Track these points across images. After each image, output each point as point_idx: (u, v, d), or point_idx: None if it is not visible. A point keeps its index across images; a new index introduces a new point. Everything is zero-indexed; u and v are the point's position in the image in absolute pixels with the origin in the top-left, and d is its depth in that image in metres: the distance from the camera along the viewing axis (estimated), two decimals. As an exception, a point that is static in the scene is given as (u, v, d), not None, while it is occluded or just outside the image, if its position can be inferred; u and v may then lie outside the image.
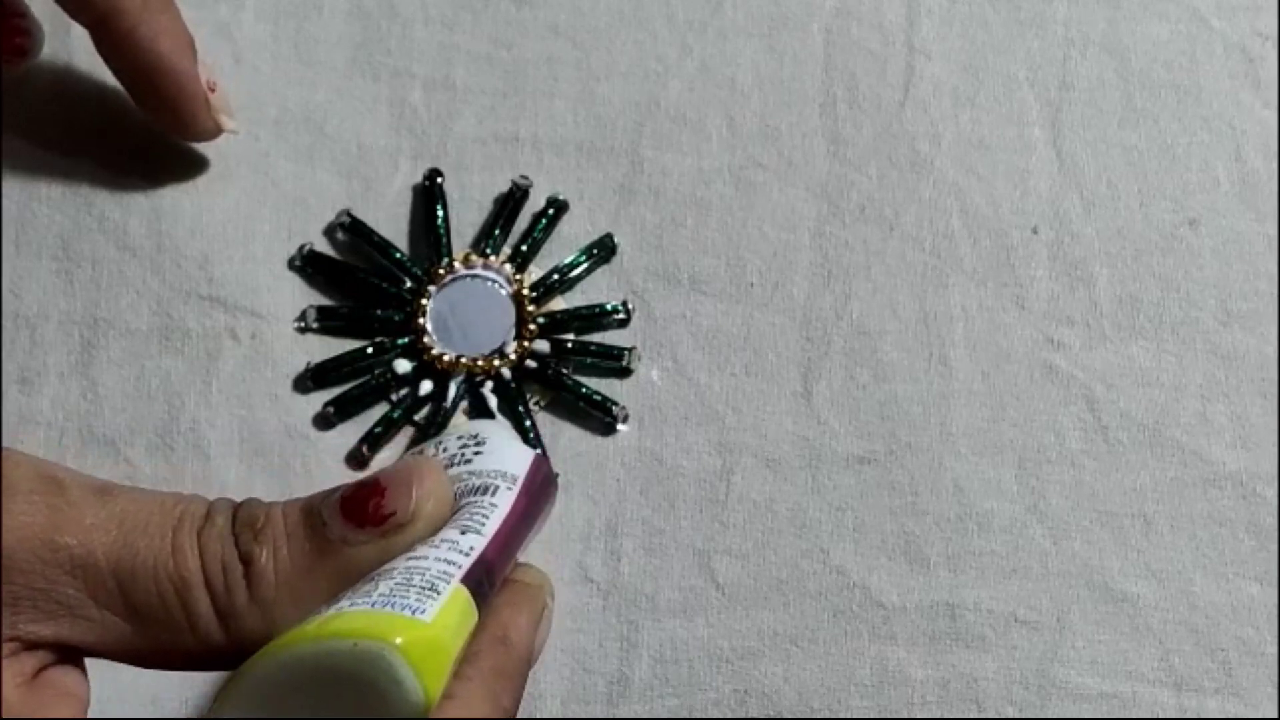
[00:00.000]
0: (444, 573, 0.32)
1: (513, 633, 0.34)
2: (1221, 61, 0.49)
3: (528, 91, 0.48)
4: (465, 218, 0.46)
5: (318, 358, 0.44)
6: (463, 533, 0.33)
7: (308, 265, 0.45)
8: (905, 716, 0.41)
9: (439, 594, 0.31)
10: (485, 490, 0.35)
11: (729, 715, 0.41)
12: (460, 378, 0.44)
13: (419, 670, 0.30)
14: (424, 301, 0.44)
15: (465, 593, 0.32)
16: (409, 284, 0.45)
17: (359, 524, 0.32)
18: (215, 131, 0.45)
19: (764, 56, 0.48)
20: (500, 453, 0.36)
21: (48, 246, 0.45)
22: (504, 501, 0.35)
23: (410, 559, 0.32)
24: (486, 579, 0.33)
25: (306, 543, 0.32)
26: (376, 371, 0.44)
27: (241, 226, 0.45)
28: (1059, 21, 0.49)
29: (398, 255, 0.45)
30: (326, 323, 0.44)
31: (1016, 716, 0.41)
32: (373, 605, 0.31)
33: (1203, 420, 0.44)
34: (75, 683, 0.32)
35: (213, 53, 0.47)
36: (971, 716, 0.41)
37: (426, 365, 0.44)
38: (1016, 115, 0.48)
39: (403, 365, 0.44)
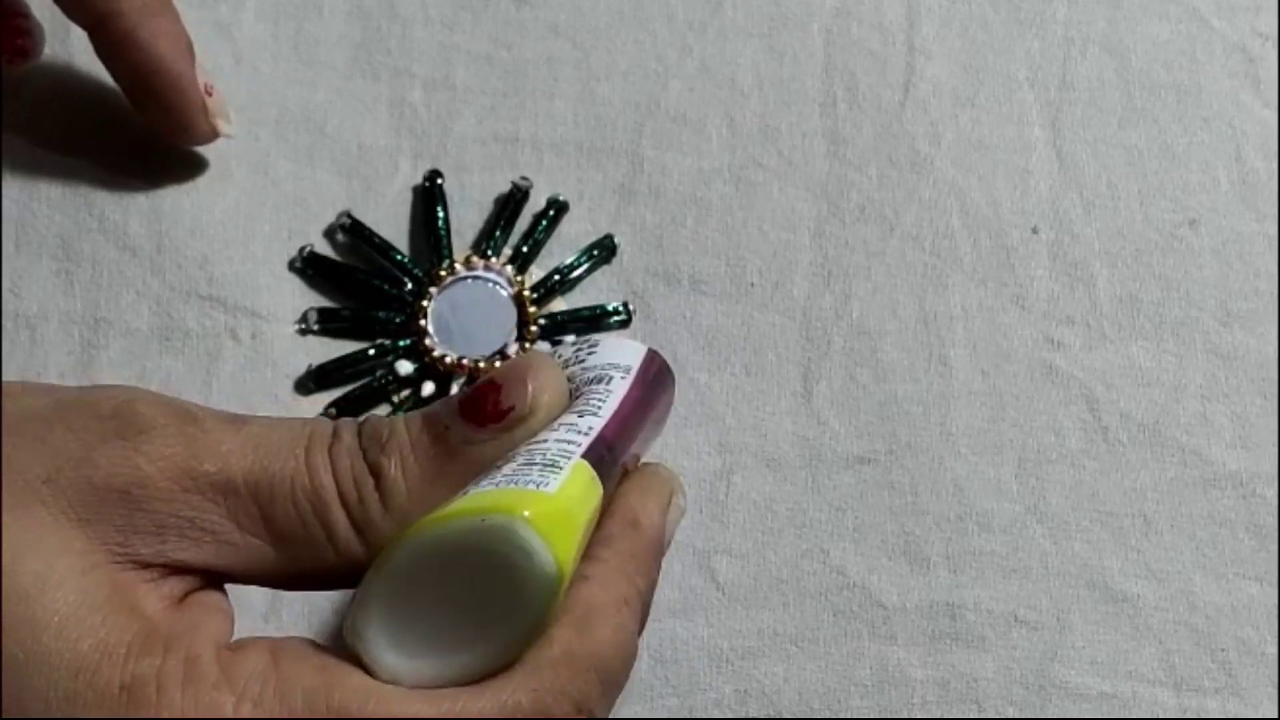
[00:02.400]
0: (564, 451, 0.32)
1: (643, 517, 0.35)
2: (1221, 61, 0.49)
3: (528, 91, 0.48)
4: (465, 218, 0.46)
5: (318, 359, 0.44)
6: (580, 415, 0.34)
7: (308, 267, 0.45)
8: (905, 716, 0.41)
9: (560, 469, 0.32)
10: (600, 380, 0.35)
11: (729, 715, 0.41)
12: (463, 379, 0.44)
13: (548, 540, 0.30)
14: (425, 303, 0.44)
15: (587, 467, 0.33)
16: (410, 285, 0.45)
17: (480, 423, 0.33)
18: (212, 135, 0.45)
19: (764, 56, 0.48)
20: (612, 350, 0.37)
21: (48, 246, 0.45)
22: (618, 388, 0.35)
23: (530, 443, 0.33)
24: (608, 455, 0.34)
25: (431, 449, 0.33)
26: (378, 373, 0.44)
27: (241, 226, 0.45)
28: (1059, 21, 0.49)
29: (398, 257, 0.45)
30: (328, 325, 0.44)
31: (1016, 716, 0.41)
32: (496, 485, 0.31)
33: (1203, 420, 0.44)
34: (220, 602, 0.33)
35: (213, 53, 0.47)
36: (971, 716, 0.41)
37: (428, 367, 0.44)
38: (1016, 115, 0.48)
39: (405, 367, 0.44)
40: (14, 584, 0.29)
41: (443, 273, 0.45)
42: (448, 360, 0.44)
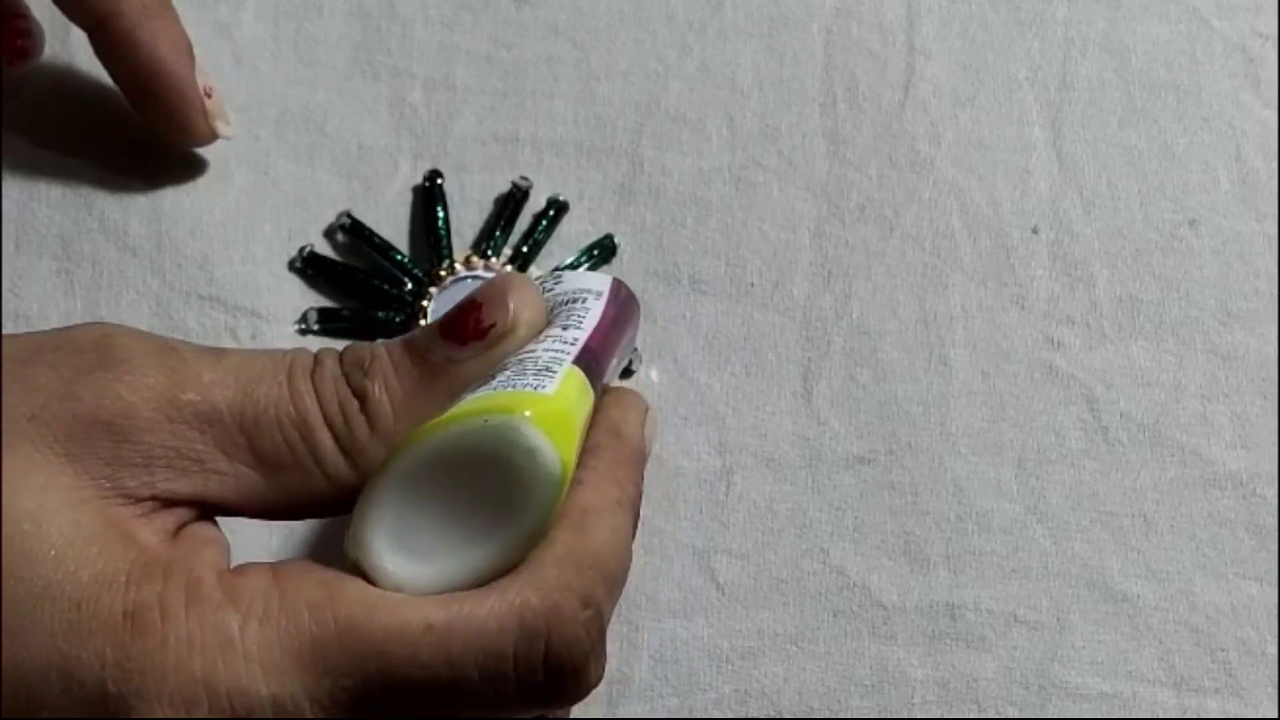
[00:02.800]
0: (555, 358, 0.33)
1: (624, 427, 0.36)
2: (1221, 61, 0.49)
3: (528, 91, 0.48)
4: (465, 218, 0.46)
5: (318, 358, 0.44)
6: (564, 329, 0.35)
7: (308, 267, 0.45)
8: (905, 716, 0.41)
9: (554, 373, 0.32)
10: (575, 300, 0.36)
11: (729, 715, 0.41)
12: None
13: (551, 438, 0.31)
14: (425, 303, 0.44)
15: (579, 373, 0.33)
16: (410, 286, 0.45)
17: (461, 341, 0.34)
18: (210, 137, 0.45)
19: (764, 56, 0.48)
20: (579, 278, 0.38)
21: (48, 246, 0.45)
22: (594, 306, 0.36)
23: (519, 354, 0.33)
24: (594, 365, 0.34)
25: (414, 370, 0.33)
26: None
27: (241, 227, 0.45)
28: (1059, 21, 0.49)
29: (398, 257, 0.45)
30: (328, 325, 0.44)
31: (1016, 716, 0.41)
32: (493, 389, 0.32)
33: (1203, 420, 0.44)
34: (214, 533, 0.33)
35: (213, 53, 0.47)
36: (971, 716, 0.41)
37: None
38: (1016, 115, 0.48)
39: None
40: (7, 521, 0.29)
41: (442, 273, 0.45)
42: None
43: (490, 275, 0.45)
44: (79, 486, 0.30)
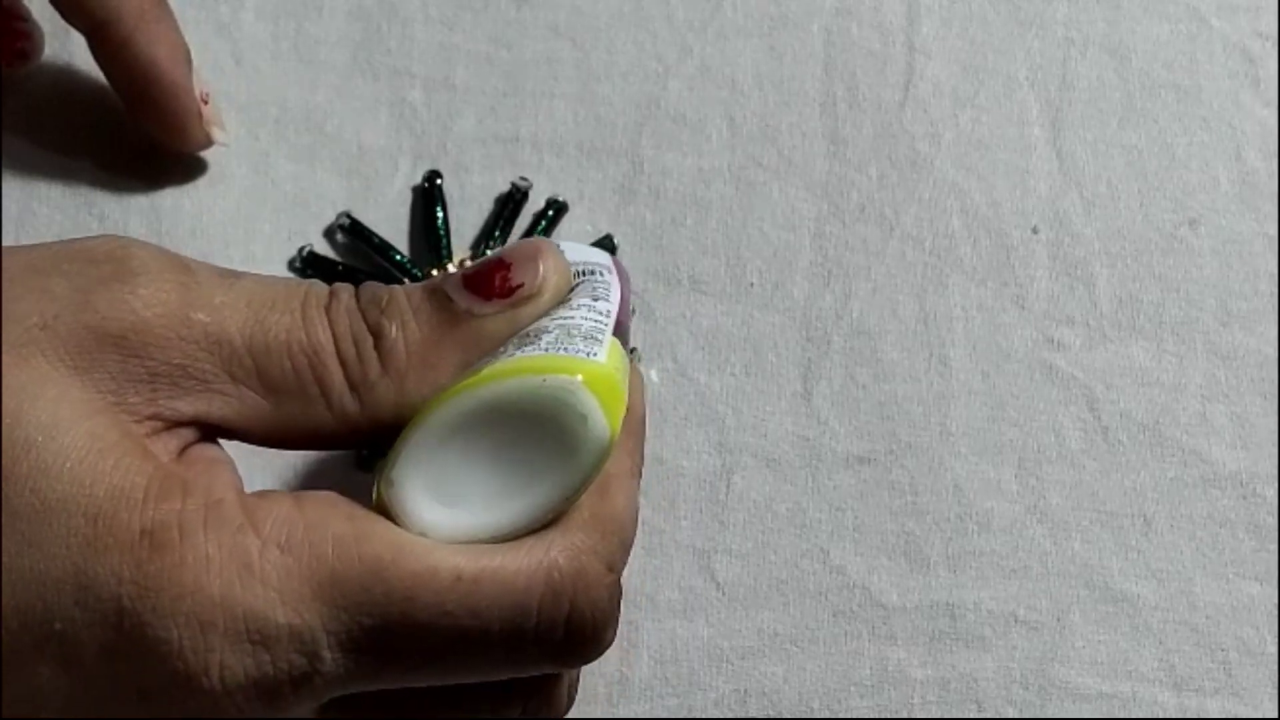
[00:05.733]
0: (596, 327, 0.33)
1: (631, 397, 0.35)
2: (1221, 61, 0.49)
3: (528, 91, 0.48)
4: (465, 218, 0.46)
5: (318, 358, 0.44)
6: (594, 299, 0.35)
7: (308, 267, 0.45)
8: (905, 716, 0.41)
9: (601, 342, 0.33)
10: (592, 272, 0.36)
11: (729, 715, 0.41)
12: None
13: (605, 406, 0.31)
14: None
15: (619, 345, 0.34)
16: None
17: (486, 296, 0.33)
18: (206, 143, 0.45)
19: (764, 56, 0.48)
20: (583, 251, 0.38)
21: (48, 247, 0.45)
22: (611, 281, 0.36)
23: (557, 319, 0.33)
24: (624, 337, 0.35)
25: (434, 316, 0.33)
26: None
27: (241, 227, 0.45)
28: (1059, 21, 0.49)
29: (398, 257, 0.45)
30: (327, 323, 0.44)
31: (1016, 716, 0.41)
32: (545, 350, 0.32)
33: (1203, 420, 0.44)
34: (220, 454, 0.32)
35: (213, 52, 0.47)
36: (971, 716, 0.41)
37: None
38: (1016, 115, 0.48)
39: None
40: (20, 433, 0.29)
41: (435, 273, 0.45)
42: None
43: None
44: (89, 399, 0.30)
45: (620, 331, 0.35)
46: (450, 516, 0.31)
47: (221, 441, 0.33)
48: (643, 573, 0.42)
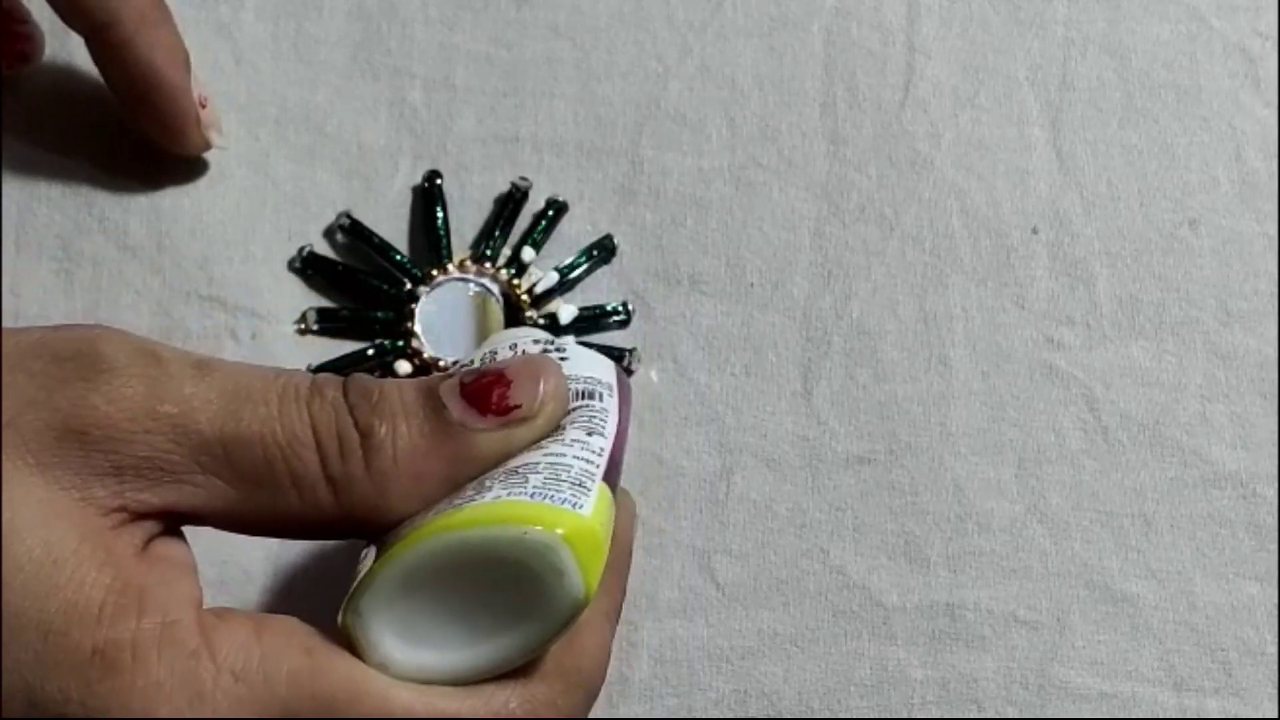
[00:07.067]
0: (587, 471, 0.32)
1: (618, 530, 0.34)
2: (1221, 61, 0.49)
3: (528, 91, 0.48)
4: (465, 218, 0.46)
5: (317, 359, 0.44)
6: (589, 434, 0.33)
7: (308, 267, 0.45)
8: (905, 716, 0.41)
9: (589, 491, 0.32)
10: (591, 395, 0.35)
11: (729, 715, 0.41)
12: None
13: (583, 565, 0.30)
14: (413, 306, 0.44)
15: (608, 490, 0.33)
16: (409, 286, 0.45)
17: (481, 411, 0.32)
18: (204, 147, 0.45)
19: (764, 56, 0.48)
20: (587, 362, 0.36)
21: (48, 246, 0.45)
22: (610, 407, 0.35)
23: (549, 455, 0.32)
24: (616, 476, 0.34)
25: (426, 423, 0.32)
26: (377, 374, 0.44)
27: (241, 226, 0.45)
28: (1059, 21, 0.49)
29: (398, 257, 0.45)
30: (327, 325, 0.44)
31: (1016, 716, 0.41)
32: (530, 496, 0.31)
33: (1203, 420, 0.44)
34: (184, 553, 0.32)
35: (213, 53, 0.47)
36: (971, 716, 0.41)
37: (423, 368, 0.44)
38: (1016, 115, 0.48)
39: (404, 367, 0.44)
40: None
41: (435, 273, 0.45)
42: (442, 363, 0.44)
43: (480, 279, 0.45)
44: (51, 500, 0.30)
45: (613, 468, 0.34)
46: (413, 654, 0.31)
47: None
48: (643, 573, 0.42)
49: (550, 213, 0.46)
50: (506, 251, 0.46)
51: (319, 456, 0.32)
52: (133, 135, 0.46)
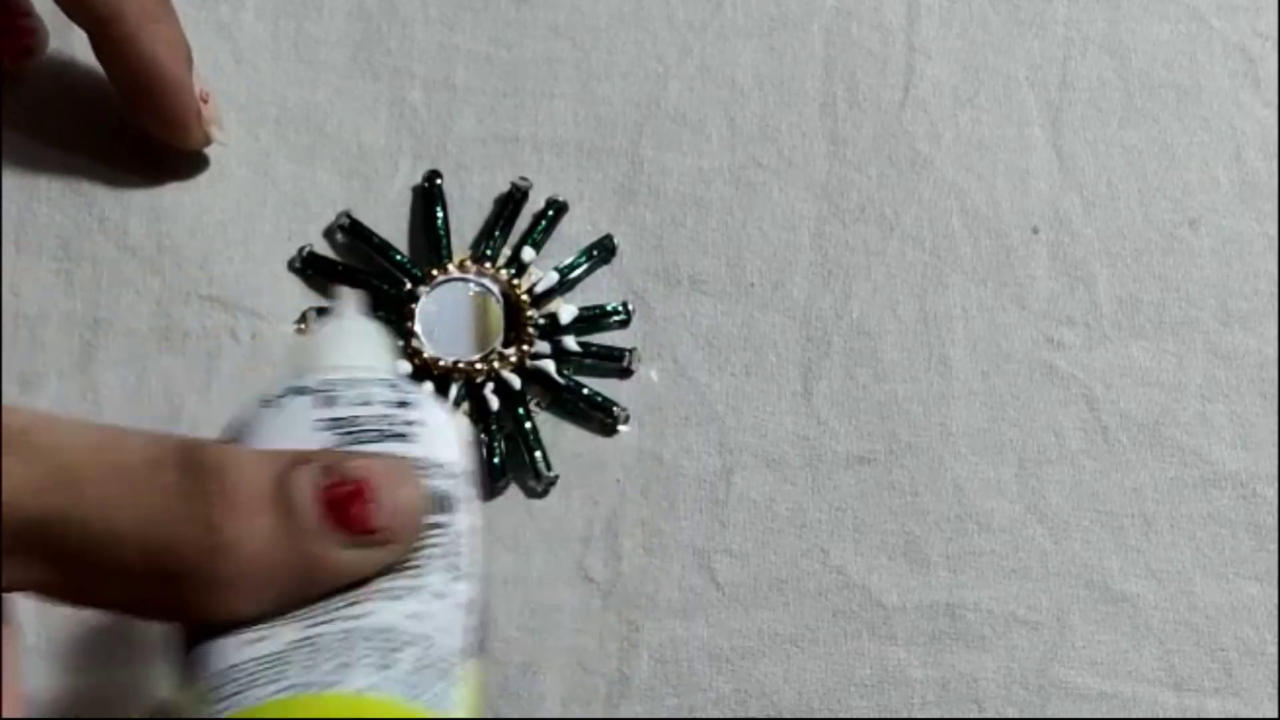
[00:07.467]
0: (450, 649, 0.29)
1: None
2: (1221, 61, 0.49)
3: (528, 91, 0.48)
4: (465, 218, 0.46)
5: (318, 358, 0.44)
6: (454, 579, 0.30)
7: (308, 267, 0.45)
8: (905, 716, 0.41)
9: (454, 678, 0.29)
10: (447, 507, 0.31)
11: (729, 715, 0.41)
12: (461, 381, 0.44)
13: None
14: (413, 306, 0.44)
15: (477, 666, 0.30)
16: (409, 286, 0.45)
17: (337, 524, 0.29)
18: (205, 142, 0.45)
19: (764, 56, 0.48)
20: (437, 433, 0.31)
21: (48, 246, 0.45)
22: (465, 524, 0.31)
23: (415, 618, 0.29)
24: (483, 632, 0.31)
25: (280, 525, 0.29)
26: (376, 372, 0.44)
27: (241, 226, 0.45)
28: (1059, 21, 0.49)
29: (398, 257, 0.45)
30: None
31: (1016, 716, 0.41)
32: (391, 693, 0.28)
33: (1203, 420, 0.44)
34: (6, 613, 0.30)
35: (213, 52, 0.47)
36: (971, 716, 0.41)
37: (424, 368, 0.44)
38: (1016, 115, 0.48)
39: (403, 367, 0.44)
40: None
41: (435, 272, 0.45)
42: (442, 363, 0.44)
43: (481, 279, 0.45)
44: None
45: (482, 616, 0.30)
46: None
47: None
48: (643, 573, 0.42)
49: (550, 213, 0.46)
50: (506, 251, 0.46)
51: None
52: (134, 134, 0.46)
